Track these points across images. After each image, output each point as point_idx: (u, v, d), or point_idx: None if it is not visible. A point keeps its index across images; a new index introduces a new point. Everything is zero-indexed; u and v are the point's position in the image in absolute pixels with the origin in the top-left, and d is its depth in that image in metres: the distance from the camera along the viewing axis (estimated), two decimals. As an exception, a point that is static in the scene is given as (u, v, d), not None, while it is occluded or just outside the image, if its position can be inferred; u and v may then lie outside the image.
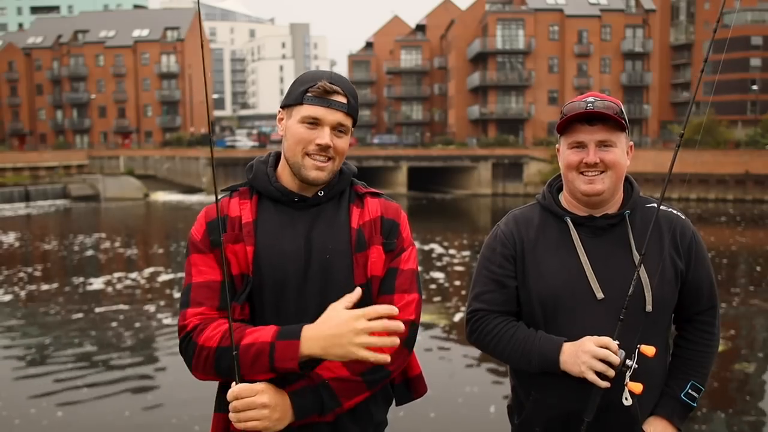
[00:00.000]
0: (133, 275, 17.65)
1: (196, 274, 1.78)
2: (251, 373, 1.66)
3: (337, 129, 1.80)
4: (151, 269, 18.64)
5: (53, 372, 9.78)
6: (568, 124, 2.03)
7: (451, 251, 21.53)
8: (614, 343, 1.89)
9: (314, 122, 1.78)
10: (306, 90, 1.78)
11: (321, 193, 1.84)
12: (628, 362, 1.88)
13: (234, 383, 1.66)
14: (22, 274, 18.15)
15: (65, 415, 8.05)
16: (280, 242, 1.78)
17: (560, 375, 1.96)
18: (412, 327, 1.82)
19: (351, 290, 1.75)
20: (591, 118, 1.99)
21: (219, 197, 1.84)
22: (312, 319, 1.71)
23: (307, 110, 1.78)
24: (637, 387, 1.89)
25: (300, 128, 1.78)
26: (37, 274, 18.42)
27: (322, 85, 1.77)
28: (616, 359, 1.87)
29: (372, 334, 1.62)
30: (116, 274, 17.76)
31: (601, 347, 1.89)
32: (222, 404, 1.80)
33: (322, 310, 1.71)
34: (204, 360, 1.70)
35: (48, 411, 8.15)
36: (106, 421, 7.92)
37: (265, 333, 1.68)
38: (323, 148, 1.78)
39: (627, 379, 1.89)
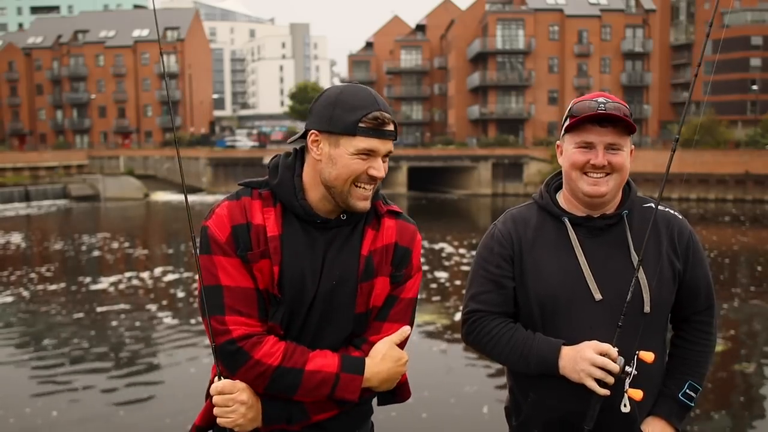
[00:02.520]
0: (134, 275, 17.64)
1: (224, 276, 1.71)
2: (308, 396, 1.71)
3: (385, 156, 1.77)
4: (152, 269, 18.62)
5: (49, 371, 9.78)
6: (579, 122, 1.99)
7: (452, 250, 21.50)
8: (614, 351, 1.86)
9: (368, 154, 1.72)
10: (358, 120, 1.69)
11: (344, 217, 1.79)
12: (628, 369, 1.86)
13: (217, 378, 1.71)
14: (23, 275, 18.14)
15: (60, 415, 8.04)
16: (302, 262, 1.74)
17: (558, 377, 1.94)
18: None
19: (350, 317, 1.77)
20: (602, 119, 1.96)
21: (237, 191, 1.79)
22: (311, 338, 1.75)
23: (363, 143, 1.70)
24: (637, 394, 1.86)
25: (354, 161, 1.71)
26: (39, 274, 18.39)
27: (377, 116, 1.70)
28: (615, 367, 1.85)
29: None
30: (117, 275, 17.75)
31: (600, 354, 1.86)
32: None
33: (321, 333, 1.76)
34: (257, 375, 1.68)
35: (43, 410, 8.15)
36: (100, 420, 7.91)
37: (330, 361, 1.71)
38: (373, 178, 1.74)
39: (627, 386, 1.87)
